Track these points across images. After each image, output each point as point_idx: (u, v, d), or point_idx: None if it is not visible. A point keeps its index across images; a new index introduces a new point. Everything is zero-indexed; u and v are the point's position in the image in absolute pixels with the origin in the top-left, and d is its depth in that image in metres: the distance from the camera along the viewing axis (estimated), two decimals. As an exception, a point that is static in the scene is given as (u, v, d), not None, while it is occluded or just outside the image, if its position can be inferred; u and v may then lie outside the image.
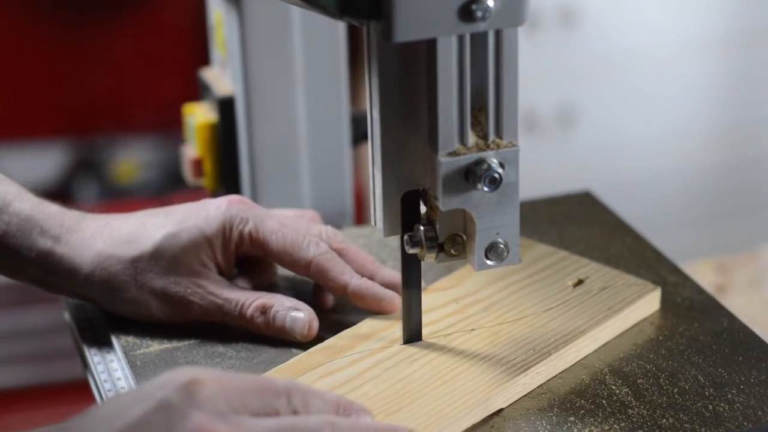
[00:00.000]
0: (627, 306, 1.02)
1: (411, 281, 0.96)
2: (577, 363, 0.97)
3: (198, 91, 1.36)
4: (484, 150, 0.87)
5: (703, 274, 1.42)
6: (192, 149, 1.32)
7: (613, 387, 0.94)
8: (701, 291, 1.07)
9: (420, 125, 0.89)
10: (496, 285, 1.05)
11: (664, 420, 0.90)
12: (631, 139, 2.56)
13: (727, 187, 2.66)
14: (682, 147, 2.59)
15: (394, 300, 1.01)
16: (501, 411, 0.91)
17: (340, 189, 1.32)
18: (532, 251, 1.10)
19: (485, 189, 0.87)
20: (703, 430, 0.89)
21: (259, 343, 1.00)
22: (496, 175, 0.87)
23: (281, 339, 1.00)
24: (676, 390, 0.94)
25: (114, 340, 1.01)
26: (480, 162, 0.87)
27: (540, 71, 2.45)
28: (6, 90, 2.36)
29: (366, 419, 0.85)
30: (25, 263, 1.01)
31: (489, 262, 0.90)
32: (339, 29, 1.28)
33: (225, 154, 1.30)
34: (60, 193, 2.33)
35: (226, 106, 1.29)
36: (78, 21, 2.34)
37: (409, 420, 0.88)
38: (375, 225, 0.93)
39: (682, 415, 0.91)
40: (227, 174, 1.30)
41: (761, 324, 1.23)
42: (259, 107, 1.27)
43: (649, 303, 1.04)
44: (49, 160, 2.41)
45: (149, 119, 2.42)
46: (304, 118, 1.28)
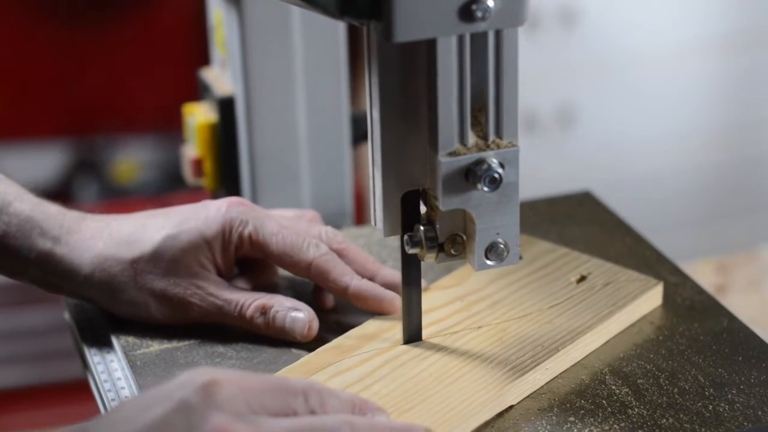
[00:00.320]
0: (631, 301, 1.02)
1: (411, 281, 0.96)
2: (578, 363, 0.97)
3: (198, 91, 1.36)
4: (484, 150, 0.87)
5: (703, 274, 1.42)
6: (192, 149, 1.32)
7: (613, 387, 0.94)
8: (701, 291, 1.07)
9: (420, 125, 0.89)
10: (499, 282, 1.05)
11: (664, 420, 0.90)
12: (631, 139, 2.56)
13: (727, 187, 2.66)
14: (682, 147, 2.59)
15: (394, 300, 1.01)
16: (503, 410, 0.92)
17: (340, 189, 1.32)
18: (533, 248, 1.10)
19: (485, 189, 0.87)
20: (703, 430, 0.89)
21: (259, 343, 1.00)
22: (496, 175, 0.87)
23: (281, 339, 1.00)
24: (676, 390, 0.94)
25: (114, 340, 1.01)
26: (480, 162, 0.87)
27: (540, 71, 2.45)
28: (6, 90, 2.36)
29: (381, 418, 0.85)
30: (25, 263, 1.01)
31: (489, 262, 0.90)
32: (339, 29, 1.28)
33: (225, 154, 1.30)
34: (60, 194, 2.32)
35: (226, 106, 1.29)
36: (78, 21, 2.34)
37: (423, 418, 0.88)
38: (375, 225, 0.93)
39: (682, 415, 0.91)
40: (227, 174, 1.30)
41: (761, 324, 1.23)
42: (259, 107, 1.27)
43: (652, 298, 1.04)
44: (49, 160, 2.41)
45: (149, 119, 2.41)
46: (304, 118, 1.28)
